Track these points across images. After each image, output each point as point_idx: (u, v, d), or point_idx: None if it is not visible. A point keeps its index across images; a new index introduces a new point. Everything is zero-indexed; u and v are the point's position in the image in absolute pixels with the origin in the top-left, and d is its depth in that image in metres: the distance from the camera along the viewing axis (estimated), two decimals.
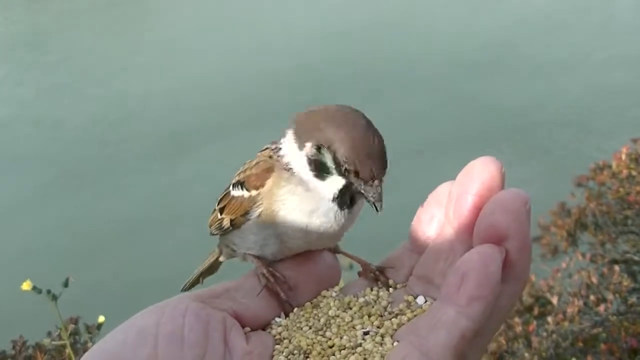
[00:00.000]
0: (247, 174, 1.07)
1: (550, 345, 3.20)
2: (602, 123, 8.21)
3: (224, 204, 1.12)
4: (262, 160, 1.06)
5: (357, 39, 10.90)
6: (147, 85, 10.30)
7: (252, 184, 1.05)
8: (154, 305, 0.92)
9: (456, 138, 7.76)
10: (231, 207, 1.09)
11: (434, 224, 0.93)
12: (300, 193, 1.00)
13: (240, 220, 1.07)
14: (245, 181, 1.07)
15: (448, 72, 9.59)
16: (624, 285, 3.57)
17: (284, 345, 0.93)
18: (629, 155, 4.09)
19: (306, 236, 1.01)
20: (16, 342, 2.98)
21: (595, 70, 9.39)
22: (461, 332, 0.79)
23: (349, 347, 0.90)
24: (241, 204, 1.07)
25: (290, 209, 1.01)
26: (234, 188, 1.10)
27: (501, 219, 0.81)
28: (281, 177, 1.02)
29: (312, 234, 1.01)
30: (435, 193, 0.94)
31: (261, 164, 1.05)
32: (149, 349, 0.86)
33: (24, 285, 2.33)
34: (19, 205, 7.96)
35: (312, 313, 0.97)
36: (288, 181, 1.01)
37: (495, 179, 0.85)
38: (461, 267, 0.80)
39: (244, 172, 1.08)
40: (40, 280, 2.44)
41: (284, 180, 1.01)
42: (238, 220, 1.08)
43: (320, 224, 1.00)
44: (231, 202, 1.09)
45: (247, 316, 0.95)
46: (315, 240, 1.02)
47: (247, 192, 1.06)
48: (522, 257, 0.83)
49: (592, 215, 4.06)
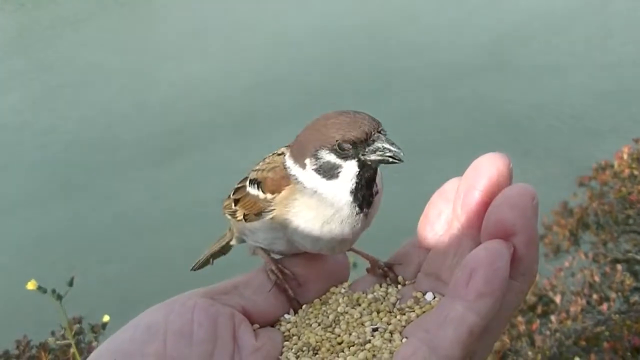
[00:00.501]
0: (264, 175, 1.06)
1: (554, 343, 3.20)
2: (603, 123, 8.21)
3: (239, 196, 1.11)
4: (277, 166, 1.05)
5: (358, 40, 10.90)
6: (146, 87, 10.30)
7: (268, 188, 1.05)
8: (163, 302, 0.92)
9: (460, 137, 7.77)
10: (245, 203, 1.09)
11: (442, 220, 0.93)
12: (315, 205, 1.00)
13: (252, 218, 1.07)
14: (262, 182, 1.06)
15: (451, 73, 9.59)
16: (626, 284, 3.57)
17: (293, 342, 0.93)
18: (630, 154, 4.09)
19: (316, 245, 1.01)
20: (20, 342, 2.97)
21: (596, 71, 9.39)
22: (469, 328, 0.79)
23: (358, 344, 0.90)
24: (255, 202, 1.07)
25: (303, 220, 1.00)
26: (250, 184, 1.09)
27: (508, 214, 0.81)
28: (295, 188, 1.01)
29: (323, 243, 1.00)
30: (443, 189, 0.94)
31: (278, 170, 1.05)
32: (158, 345, 0.86)
33: (29, 285, 2.32)
34: (24, 205, 7.97)
35: (321, 310, 0.97)
36: (302, 193, 1.01)
37: (502, 174, 0.85)
38: (469, 263, 0.80)
39: (262, 172, 1.07)
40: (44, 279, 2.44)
41: (298, 192, 1.01)
42: (251, 217, 1.08)
43: (332, 233, 0.99)
44: (246, 198, 1.09)
45: (255, 313, 0.95)
46: (327, 249, 1.01)
47: (263, 194, 1.05)
48: (529, 253, 0.83)
49: (594, 214, 4.06)
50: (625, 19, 10.60)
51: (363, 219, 1.00)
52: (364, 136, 0.96)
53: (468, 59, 9.85)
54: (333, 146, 0.97)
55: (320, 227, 0.99)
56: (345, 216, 0.99)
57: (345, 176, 0.99)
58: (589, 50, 9.93)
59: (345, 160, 0.98)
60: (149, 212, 7.55)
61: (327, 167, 0.99)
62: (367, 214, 1.00)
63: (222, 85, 9.94)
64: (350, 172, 0.98)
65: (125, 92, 10.25)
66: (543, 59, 9.81)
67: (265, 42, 11.19)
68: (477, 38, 10.56)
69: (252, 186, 1.09)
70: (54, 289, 2.30)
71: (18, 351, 2.99)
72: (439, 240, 0.93)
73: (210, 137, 8.62)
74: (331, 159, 0.98)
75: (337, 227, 0.99)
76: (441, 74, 9.57)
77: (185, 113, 9.44)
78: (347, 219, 0.99)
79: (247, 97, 9.42)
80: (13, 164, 8.81)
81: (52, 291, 2.28)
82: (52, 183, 8.29)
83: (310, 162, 0.99)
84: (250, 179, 1.10)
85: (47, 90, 10.60)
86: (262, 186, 1.06)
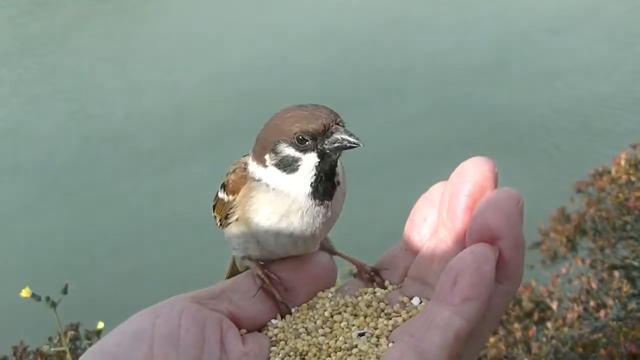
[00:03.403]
0: (228, 178, 1.08)
1: (550, 350, 3.19)
2: (601, 129, 8.21)
3: (214, 203, 1.13)
4: (238, 167, 1.06)
5: (357, 43, 10.91)
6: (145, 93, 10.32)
7: (230, 189, 1.06)
8: (150, 307, 0.92)
9: (455, 142, 7.77)
10: (218, 208, 1.11)
11: (428, 225, 0.93)
12: (271, 199, 1.00)
13: (225, 222, 1.09)
14: (226, 185, 1.08)
15: (449, 77, 9.60)
16: (624, 290, 3.56)
17: (280, 347, 0.93)
18: (628, 160, 4.09)
19: (277, 240, 1.01)
20: (17, 348, 2.98)
21: (594, 76, 9.40)
22: (456, 332, 0.79)
23: (345, 349, 0.90)
24: (223, 206, 1.08)
25: (262, 216, 1.01)
26: (220, 189, 1.11)
27: (493, 218, 0.81)
28: (251, 186, 1.02)
29: (284, 239, 1.01)
30: (428, 194, 0.94)
31: (238, 170, 1.06)
32: (145, 350, 0.86)
33: (23, 293, 2.33)
34: (20, 212, 7.97)
35: (308, 314, 0.97)
36: (258, 190, 1.01)
37: (487, 179, 0.86)
38: (454, 267, 0.80)
39: (227, 175, 1.09)
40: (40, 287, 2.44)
41: (255, 189, 1.02)
42: (224, 222, 1.09)
43: (292, 227, 1.00)
44: (218, 203, 1.11)
45: (243, 318, 0.95)
46: (290, 245, 1.02)
47: (227, 196, 1.07)
48: (515, 256, 0.83)
49: (592, 220, 4.06)
50: (623, 24, 10.62)
51: (324, 211, 1.00)
52: (322, 128, 0.96)
53: (465, 63, 9.86)
54: (291, 139, 0.97)
55: (278, 221, 1.00)
56: (304, 208, 0.99)
57: (304, 168, 0.99)
58: (587, 56, 9.94)
59: (305, 153, 0.98)
60: (146, 220, 7.54)
61: (286, 161, 0.99)
62: (328, 205, 1.00)
63: (224, 90, 9.95)
64: (309, 164, 0.98)
65: (123, 98, 10.26)
66: (541, 63, 9.82)
67: (265, 45, 11.20)
68: (475, 42, 10.57)
69: (220, 190, 1.10)
70: (48, 296, 2.30)
71: (15, 357, 3.00)
72: (425, 244, 0.93)
73: (209, 146, 8.62)
74: (290, 152, 0.99)
75: (297, 220, 0.99)
76: (437, 78, 9.58)
77: (186, 119, 9.45)
78: (306, 211, 0.99)
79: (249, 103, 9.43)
80: (10, 169, 8.81)
81: (46, 299, 2.28)
82: (47, 190, 8.29)
83: (270, 157, 1.00)
84: (222, 184, 1.11)
85: (44, 96, 10.61)
86: (226, 189, 1.08)
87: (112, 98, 10.27)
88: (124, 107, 9.96)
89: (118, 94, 10.36)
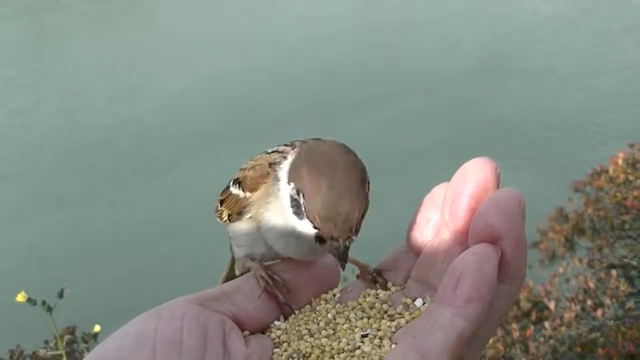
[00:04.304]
0: (245, 174, 1.07)
1: (548, 350, 3.20)
2: (598, 128, 8.23)
3: (224, 197, 1.13)
4: (259, 164, 1.05)
5: (358, 44, 10.93)
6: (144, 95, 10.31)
7: (247, 186, 1.06)
8: (152, 309, 0.92)
9: (454, 143, 7.78)
10: (229, 203, 1.10)
11: (430, 226, 0.94)
12: (287, 215, 0.99)
13: (235, 218, 1.08)
14: (242, 181, 1.07)
15: (447, 79, 9.61)
16: (622, 290, 3.57)
17: (283, 349, 0.93)
18: (625, 160, 4.10)
19: (285, 250, 1.02)
20: (13, 352, 2.97)
21: (591, 76, 9.42)
22: (458, 334, 0.79)
23: (348, 350, 0.90)
24: (237, 202, 1.08)
25: (273, 224, 1.01)
26: (233, 185, 1.10)
27: (495, 219, 0.82)
28: (271, 190, 1.01)
29: (291, 250, 1.01)
30: (431, 195, 0.94)
31: (258, 168, 1.05)
32: (147, 353, 0.85)
33: (18, 297, 2.32)
34: (15, 215, 7.95)
35: (311, 316, 0.97)
36: (276, 197, 1.00)
37: (489, 179, 0.86)
38: (457, 267, 0.80)
39: (243, 171, 1.08)
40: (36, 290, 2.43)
41: (273, 195, 1.01)
42: (234, 217, 1.09)
43: (300, 242, 0.99)
44: (229, 198, 1.10)
45: (246, 319, 0.95)
46: (299, 253, 1.02)
47: (242, 193, 1.06)
48: (517, 257, 0.83)
49: (590, 220, 4.07)
50: (619, 24, 10.65)
51: None
52: (329, 236, 0.94)
53: (462, 65, 9.88)
54: (306, 207, 0.95)
55: (289, 235, 0.99)
56: (311, 237, 0.98)
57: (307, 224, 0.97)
58: (584, 55, 9.97)
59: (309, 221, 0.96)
60: (142, 222, 7.53)
61: (297, 206, 0.97)
62: None
63: (225, 91, 9.94)
64: (310, 227, 0.97)
65: (120, 99, 10.25)
66: (538, 63, 9.85)
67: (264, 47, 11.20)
68: (471, 43, 10.60)
69: (234, 186, 1.10)
70: (44, 300, 2.29)
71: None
72: (427, 245, 0.94)
73: (209, 146, 8.62)
74: (302, 207, 0.96)
75: (305, 238, 0.98)
76: (435, 80, 9.60)
77: (186, 121, 9.43)
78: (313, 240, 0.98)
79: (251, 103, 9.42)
80: (6, 172, 8.79)
81: (42, 303, 2.27)
82: (42, 194, 8.27)
83: (291, 189, 0.98)
84: (234, 179, 1.10)
85: (40, 99, 10.59)
86: (242, 185, 1.07)
87: (101, 104, 10.24)
88: (112, 113, 9.94)
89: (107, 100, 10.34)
